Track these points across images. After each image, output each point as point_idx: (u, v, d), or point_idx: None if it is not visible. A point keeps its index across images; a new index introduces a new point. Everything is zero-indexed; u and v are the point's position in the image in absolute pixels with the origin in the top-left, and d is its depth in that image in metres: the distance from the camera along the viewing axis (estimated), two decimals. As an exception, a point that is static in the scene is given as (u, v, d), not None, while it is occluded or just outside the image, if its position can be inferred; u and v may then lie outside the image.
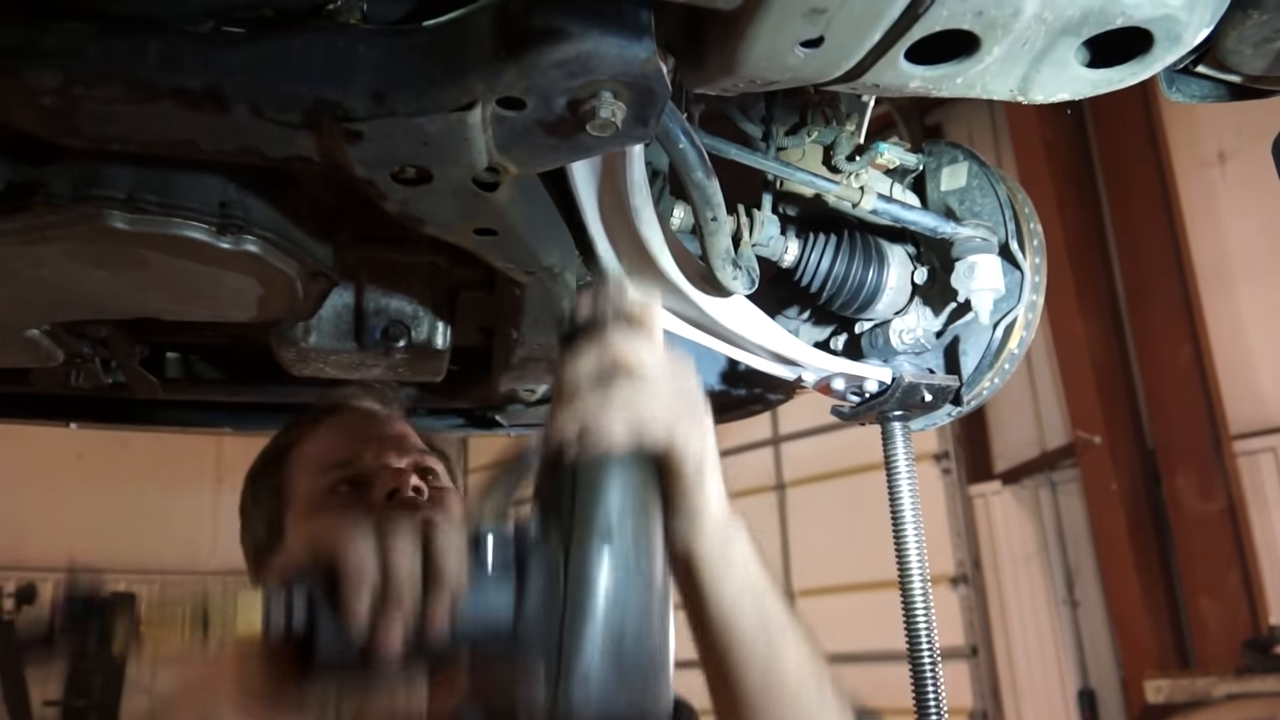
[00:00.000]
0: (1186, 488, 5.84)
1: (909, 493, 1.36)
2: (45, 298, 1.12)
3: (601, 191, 1.09)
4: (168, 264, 1.05)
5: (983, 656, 6.75)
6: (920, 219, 1.25)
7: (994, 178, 1.29)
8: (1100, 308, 6.33)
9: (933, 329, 1.37)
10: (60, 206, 0.94)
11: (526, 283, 1.14)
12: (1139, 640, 5.85)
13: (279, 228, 1.07)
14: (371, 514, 1.18)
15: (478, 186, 0.91)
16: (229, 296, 1.16)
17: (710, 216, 1.05)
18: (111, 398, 1.62)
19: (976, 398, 1.36)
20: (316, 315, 1.35)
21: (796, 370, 1.36)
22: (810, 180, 1.20)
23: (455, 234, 1.00)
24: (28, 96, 0.78)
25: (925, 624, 1.34)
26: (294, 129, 0.82)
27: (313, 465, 1.29)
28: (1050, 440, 6.83)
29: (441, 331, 1.41)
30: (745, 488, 8.15)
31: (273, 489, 1.31)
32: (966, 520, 7.00)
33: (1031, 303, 1.29)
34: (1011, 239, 1.26)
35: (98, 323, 1.34)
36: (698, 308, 1.23)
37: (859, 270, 1.32)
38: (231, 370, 1.73)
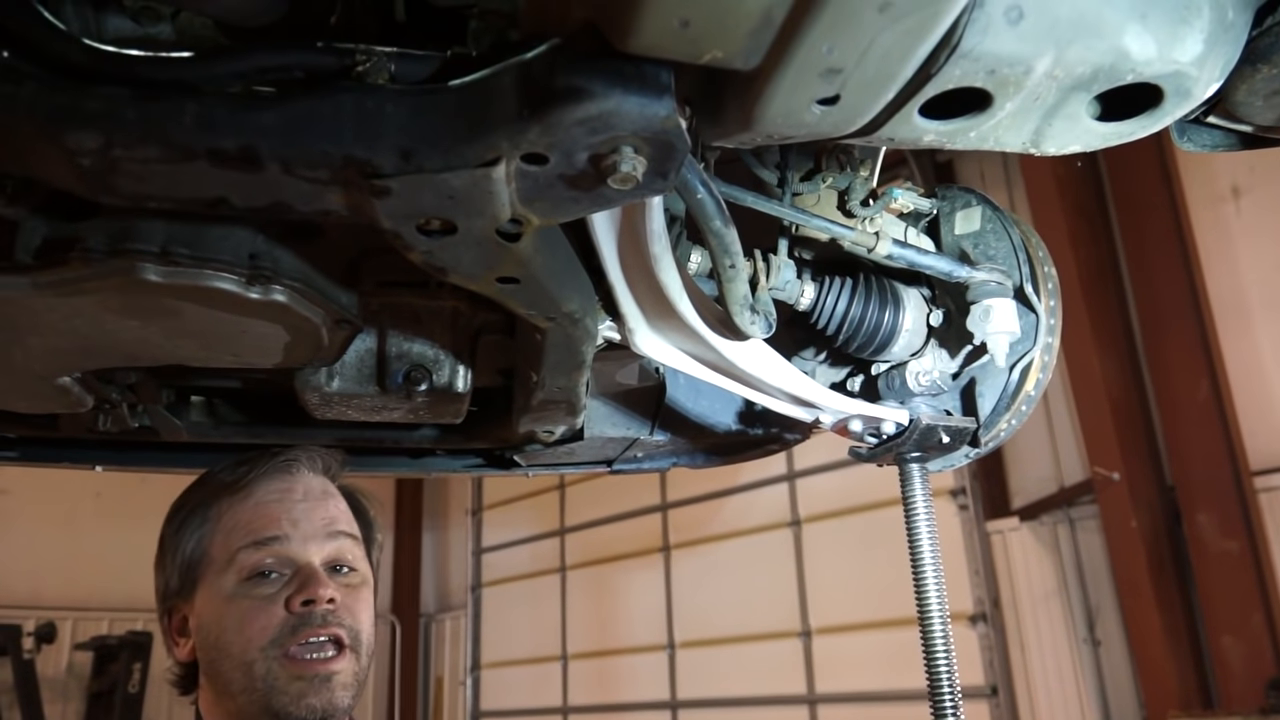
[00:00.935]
0: (1207, 525, 5.78)
1: (928, 534, 1.36)
2: (78, 346, 1.15)
3: (621, 239, 1.12)
4: (198, 313, 1.08)
5: (1003, 696, 6.66)
6: (935, 263, 1.27)
7: (1007, 221, 1.31)
8: (1116, 344, 6.31)
9: (949, 371, 1.38)
10: (96, 260, 0.97)
11: (547, 328, 1.16)
12: (1162, 680, 5.77)
13: (306, 277, 1.10)
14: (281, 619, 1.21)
15: (501, 237, 0.93)
16: (256, 344, 1.18)
17: (728, 264, 1.07)
18: (137, 441, 1.65)
19: (994, 439, 1.37)
20: (340, 360, 1.38)
21: (814, 412, 1.37)
22: (826, 226, 1.22)
23: (478, 282, 1.02)
24: (68, 157, 0.81)
25: (946, 666, 1.34)
26: (324, 185, 0.85)
27: (239, 533, 1.28)
28: (1068, 476, 6.78)
29: (463, 375, 1.43)
30: (760, 524, 8.13)
31: (195, 538, 1.31)
32: (984, 557, 6.94)
33: (1047, 345, 1.31)
34: (1026, 282, 1.27)
35: (127, 369, 1.36)
36: (716, 351, 1.25)
37: (875, 313, 1.34)
38: (254, 414, 1.75)
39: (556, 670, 9.63)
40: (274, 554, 1.26)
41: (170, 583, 1.31)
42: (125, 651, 8.20)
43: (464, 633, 10.73)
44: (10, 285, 0.98)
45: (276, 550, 1.26)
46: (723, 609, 8.24)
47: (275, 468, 1.35)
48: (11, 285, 0.98)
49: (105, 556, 9.44)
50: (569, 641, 9.64)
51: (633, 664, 8.99)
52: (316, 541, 1.29)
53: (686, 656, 8.57)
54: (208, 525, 1.31)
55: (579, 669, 9.55)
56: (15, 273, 0.98)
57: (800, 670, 7.58)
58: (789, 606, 7.76)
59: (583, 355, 1.26)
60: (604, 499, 9.45)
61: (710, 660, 8.31)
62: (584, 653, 9.53)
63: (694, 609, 8.57)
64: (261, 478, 1.33)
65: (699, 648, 8.45)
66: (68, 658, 8.98)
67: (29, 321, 1.06)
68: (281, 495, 1.32)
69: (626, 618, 9.19)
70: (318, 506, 1.34)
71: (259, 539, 1.26)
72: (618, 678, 9.15)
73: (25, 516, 9.09)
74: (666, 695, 8.58)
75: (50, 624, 7.95)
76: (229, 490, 1.33)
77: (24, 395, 1.29)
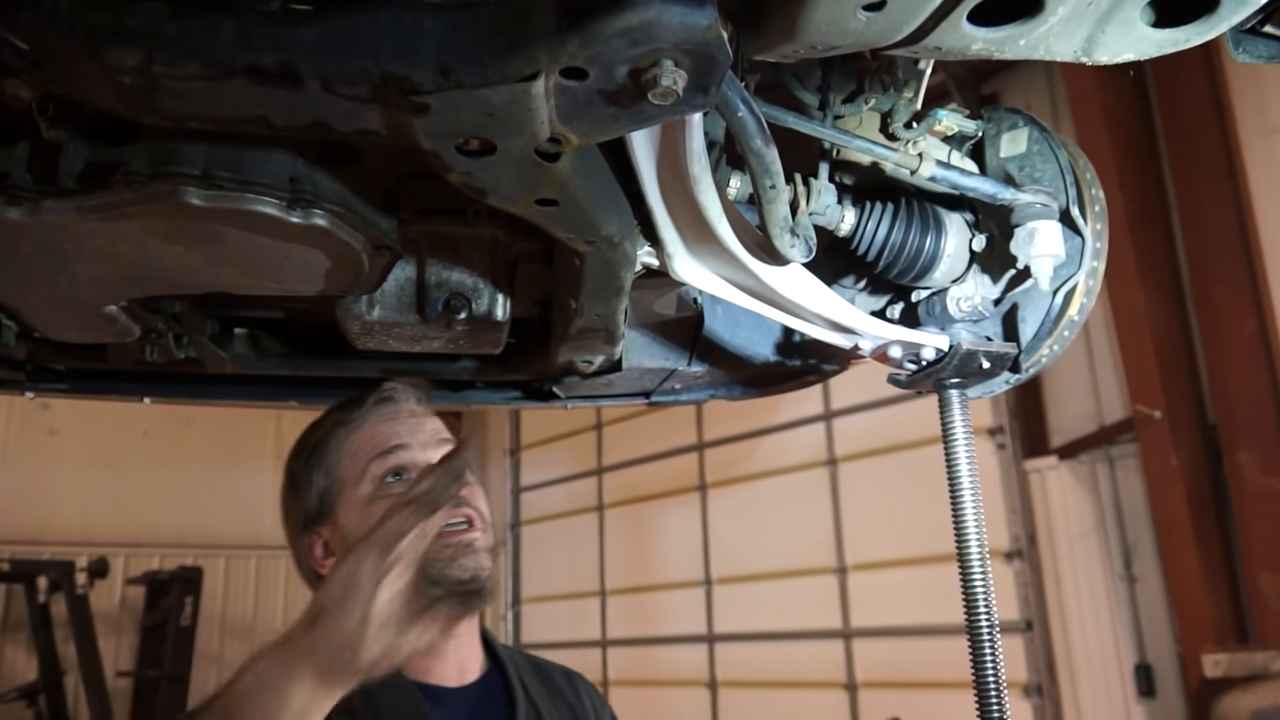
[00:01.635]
0: (1248, 463, 5.71)
1: (966, 461, 1.36)
2: (123, 274, 1.16)
3: (660, 161, 1.10)
4: (240, 239, 1.08)
5: (1038, 631, 6.69)
6: (979, 185, 1.25)
7: (1055, 143, 1.28)
8: (1161, 281, 6.19)
9: (991, 296, 1.36)
10: (138, 184, 0.97)
11: (586, 253, 1.16)
12: (1197, 615, 5.76)
13: (346, 202, 1.10)
14: None
15: (540, 157, 0.93)
16: (298, 270, 1.19)
17: (769, 185, 1.06)
18: (183, 373, 1.68)
19: (1035, 365, 1.36)
20: (380, 289, 1.39)
21: (853, 338, 1.36)
22: (868, 148, 1.20)
23: (517, 205, 1.02)
24: (108, 75, 0.81)
25: (983, 593, 1.34)
26: (362, 103, 0.85)
27: (364, 452, 1.45)
28: (1108, 415, 6.71)
29: (501, 303, 1.43)
30: (796, 463, 8.14)
31: (324, 469, 1.47)
32: (1022, 496, 6.92)
33: (1093, 269, 1.28)
34: (1072, 204, 1.25)
35: (172, 298, 1.38)
36: (755, 276, 1.24)
37: (916, 238, 1.32)
38: (296, 345, 1.77)
39: (595, 605, 9.78)
40: (399, 459, 1.43)
41: (309, 510, 1.48)
42: (177, 586, 8.44)
43: (504, 569, 10.91)
44: (55, 210, 1.00)
45: (401, 456, 1.43)
46: (759, 546, 8.31)
47: (379, 398, 1.51)
48: (56, 210, 1.00)
49: (154, 494, 9.69)
50: (607, 578, 9.78)
51: (670, 599, 9.12)
52: (432, 447, 1.46)
53: (723, 592, 8.66)
54: (333, 455, 1.47)
55: (617, 604, 9.70)
56: (59, 197, 0.99)
57: (835, 605, 7.65)
58: (824, 544, 7.80)
59: (621, 280, 1.26)
60: (641, 439, 9.51)
61: (746, 596, 8.40)
62: (622, 588, 9.66)
63: (730, 546, 8.64)
64: (370, 409, 1.50)
65: (735, 584, 8.54)
66: (120, 592, 9.26)
67: (75, 248, 1.08)
68: (392, 416, 1.49)
69: (663, 554, 9.30)
70: (424, 421, 1.50)
71: (384, 449, 1.43)
72: (655, 612, 9.28)
73: (75, 457, 9.33)
74: (703, 629, 8.70)
75: (102, 559, 8.17)
76: (344, 425, 1.49)
77: (72, 324, 1.31)
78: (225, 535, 10.09)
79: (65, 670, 8.04)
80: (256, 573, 10.28)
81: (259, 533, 10.38)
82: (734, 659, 8.42)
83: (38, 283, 1.16)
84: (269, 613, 10.29)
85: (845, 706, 7.41)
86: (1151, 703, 6.21)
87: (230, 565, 10.08)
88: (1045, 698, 6.60)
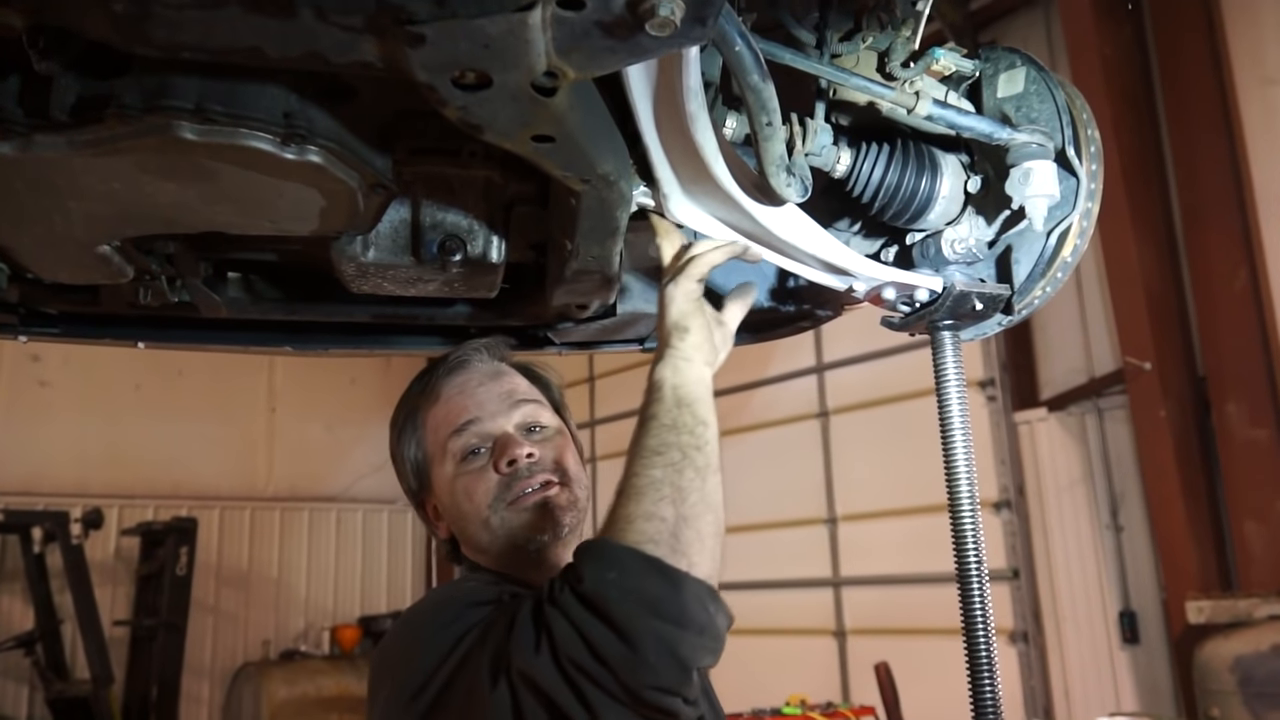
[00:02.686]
0: (1236, 414, 5.76)
1: (958, 402, 1.37)
2: (117, 212, 1.15)
3: (657, 99, 1.10)
4: (234, 176, 1.08)
5: (1024, 579, 6.79)
6: (976, 124, 1.25)
7: (1052, 83, 1.27)
8: (1155, 232, 6.19)
9: (985, 239, 1.37)
10: (131, 118, 0.96)
11: (582, 191, 1.16)
12: (1182, 564, 5.84)
13: (340, 139, 1.09)
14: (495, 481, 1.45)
15: (536, 92, 0.92)
16: (292, 209, 1.18)
17: (765, 121, 1.05)
18: (177, 317, 1.67)
19: (1028, 306, 1.36)
20: (374, 230, 1.38)
21: (848, 280, 1.37)
22: (865, 86, 1.20)
23: (514, 141, 1.01)
24: (101, 4, 0.80)
25: (973, 535, 1.36)
26: (357, 33, 0.84)
27: (441, 428, 1.50)
28: (1099, 367, 6.75)
29: (497, 245, 1.43)
30: (789, 415, 8.18)
31: (415, 443, 1.54)
32: (1011, 447, 6.98)
33: (1086, 210, 1.29)
34: (1068, 144, 1.25)
35: (165, 239, 1.37)
36: (750, 217, 1.24)
37: (912, 179, 1.32)
38: (290, 290, 1.76)
39: (587, 556, 9.86)
40: (473, 434, 1.47)
41: (411, 484, 1.56)
42: (172, 536, 8.48)
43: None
44: (47, 144, 0.99)
45: (474, 430, 1.48)
46: (751, 497, 8.37)
47: (450, 368, 1.55)
48: (48, 144, 0.99)
49: (148, 447, 9.71)
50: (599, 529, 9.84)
51: (661, 550, 9.19)
52: (503, 414, 1.49)
53: (714, 543, 8.74)
54: (419, 431, 1.53)
55: (609, 555, 9.78)
56: (51, 131, 0.98)
57: (826, 555, 7.74)
58: (816, 495, 7.87)
59: (617, 220, 1.26)
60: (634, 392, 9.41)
61: (737, 546, 8.48)
62: (614, 540, 9.74)
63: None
64: (442, 379, 1.54)
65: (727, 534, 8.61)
66: (115, 543, 9.31)
67: (67, 184, 1.07)
68: (461, 387, 1.52)
69: (655, 506, 9.35)
70: (494, 385, 1.53)
71: (456, 426, 1.48)
72: (647, 563, 9.36)
73: (68, 408, 9.33)
74: (694, 580, 8.79)
75: (97, 510, 8.19)
76: (422, 398, 1.54)
77: (66, 264, 1.31)
78: (219, 487, 10.13)
79: (62, 619, 8.11)
80: (251, 524, 10.33)
81: (253, 484, 10.44)
82: (725, 607, 8.51)
83: (31, 221, 1.16)
84: (264, 563, 10.37)
85: (834, 653, 7.53)
86: (1135, 649, 6.33)
87: (225, 516, 10.13)
88: (1030, 644, 6.72)
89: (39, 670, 7.90)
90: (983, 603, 1.33)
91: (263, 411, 10.70)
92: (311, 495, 10.81)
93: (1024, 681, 6.61)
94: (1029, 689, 6.61)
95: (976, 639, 1.33)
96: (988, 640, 1.33)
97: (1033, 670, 6.67)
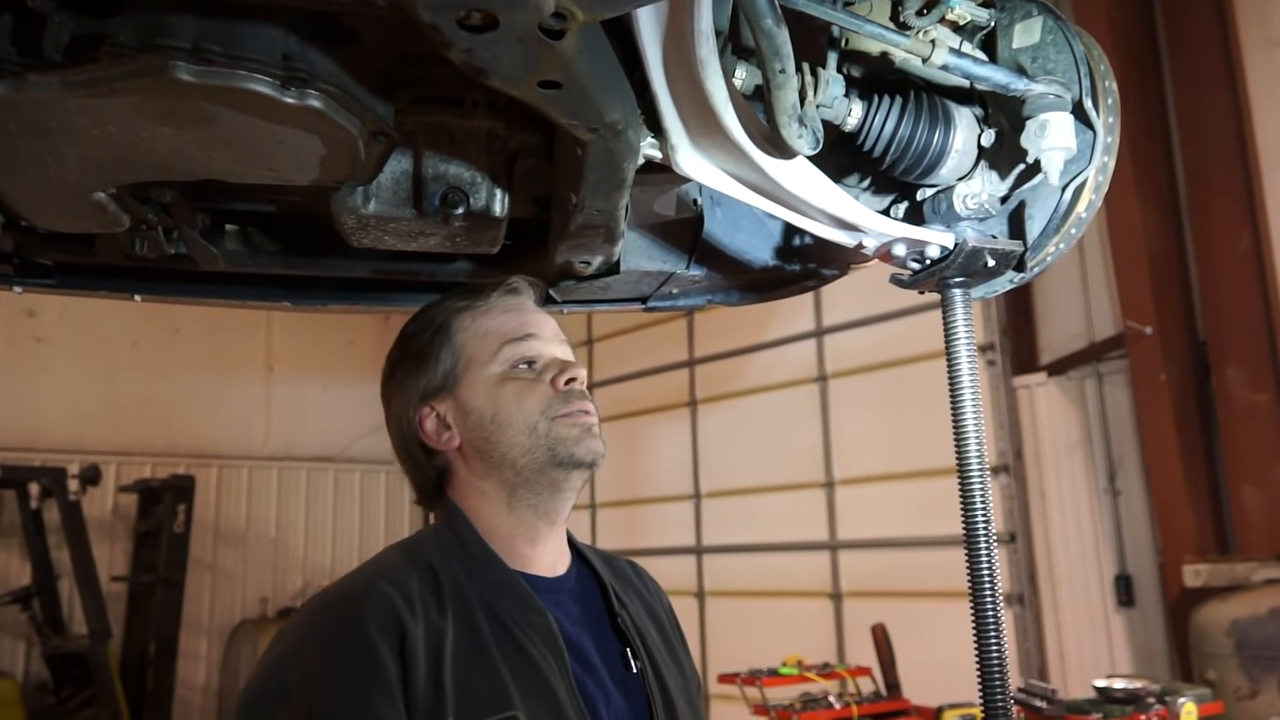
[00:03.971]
0: (1236, 378, 5.76)
1: (967, 359, 1.35)
2: (112, 157, 1.13)
3: (666, 44, 1.07)
4: (232, 120, 1.05)
5: (1021, 542, 6.82)
6: (992, 74, 1.22)
7: (1070, 33, 1.24)
8: (1159, 195, 6.15)
9: (998, 194, 1.34)
10: (126, 57, 0.94)
11: (588, 141, 1.13)
12: (1180, 527, 5.87)
13: (341, 83, 1.06)
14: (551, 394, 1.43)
15: (544, 34, 0.89)
16: (291, 156, 1.16)
17: (778, 69, 1.02)
18: (174, 269, 1.65)
19: (1040, 263, 1.34)
20: (376, 182, 1.36)
21: (857, 236, 1.35)
22: (880, 33, 1.16)
23: (520, 87, 0.99)
24: (94, -64, 0.77)
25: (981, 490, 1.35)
26: (360, -31, 0.81)
27: (496, 335, 1.46)
28: (1099, 332, 6.74)
29: (500, 199, 1.40)
30: (787, 379, 8.18)
31: (451, 347, 1.47)
32: (1010, 411, 6.99)
33: (1103, 164, 1.26)
34: (1086, 96, 1.22)
35: (162, 187, 1.35)
36: (760, 170, 1.21)
37: (925, 132, 1.29)
38: (289, 243, 1.74)
39: (585, 517, 9.92)
40: (532, 348, 1.46)
41: (430, 384, 1.47)
42: (169, 494, 8.49)
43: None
44: (41, 85, 0.96)
45: (534, 344, 1.46)
46: (748, 461, 8.40)
47: (505, 290, 1.52)
48: (42, 85, 0.96)
49: (145, 404, 9.71)
50: (597, 491, 9.89)
51: (660, 512, 9.24)
52: (556, 342, 1.50)
53: (712, 506, 8.79)
54: (461, 334, 1.47)
55: (607, 516, 9.84)
56: (45, 71, 0.95)
57: (823, 519, 7.77)
58: (813, 459, 7.89)
59: (624, 173, 1.23)
60: (632, 355, 9.53)
61: (735, 509, 8.53)
62: (612, 501, 9.79)
63: (720, 461, 8.73)
64: (497, 297, 1.51)
65: (724, 498, 8.66)
66: (113, 500, 9.33)
67: (62, 127, 1.04)
68: (519, 306, 1.51)
69: (654, 469, 9.39)
70: (547, 318, 1.53)
71: (518, 335, 1.46)
72: (645, 525, 9.42)
73: (63, 364, 9.31)
74: (692, 541, 8.85)
75: (94, 467, 8.20)
76: (469, 310, 1.49)
77: (60, 211, 1.28)
78: (217, 445, 10.14)
79: (59, 575, 8.14)
80: (249, 482, 10.35)
81: (250, 443, 10.44)
82: (722, 570, 8.58)
83: (25, 165, 1.13)
84: (262, 522, 10.41)
85: (830, 615, 7.58)
86: (1130, 612, 6.37)
87: (223, 474, 10.15)
88: (1026, 607, 6.77)
89: (36, 625, 7.95)
90: (990, 563, 1.33)
91: (260, 370, 10.68)
92: (309, 455, 10.82)
93: (1019, 644, 6.67)
94: (1024, 651, 6.66)
95: (984, 599, 1.32)
96: (994, 600, 1.33)
97: (1028, 633, 6.72)
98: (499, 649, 1.28)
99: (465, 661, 1.24)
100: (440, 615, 1.27)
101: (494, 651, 1.27)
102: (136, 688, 8.11)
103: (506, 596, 1.34)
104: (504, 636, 1.29)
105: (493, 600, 1.33)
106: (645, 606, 1.55)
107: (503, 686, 1.24)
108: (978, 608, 1.33)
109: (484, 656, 1.26)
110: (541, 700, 1.25)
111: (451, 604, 1.29)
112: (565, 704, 1.26)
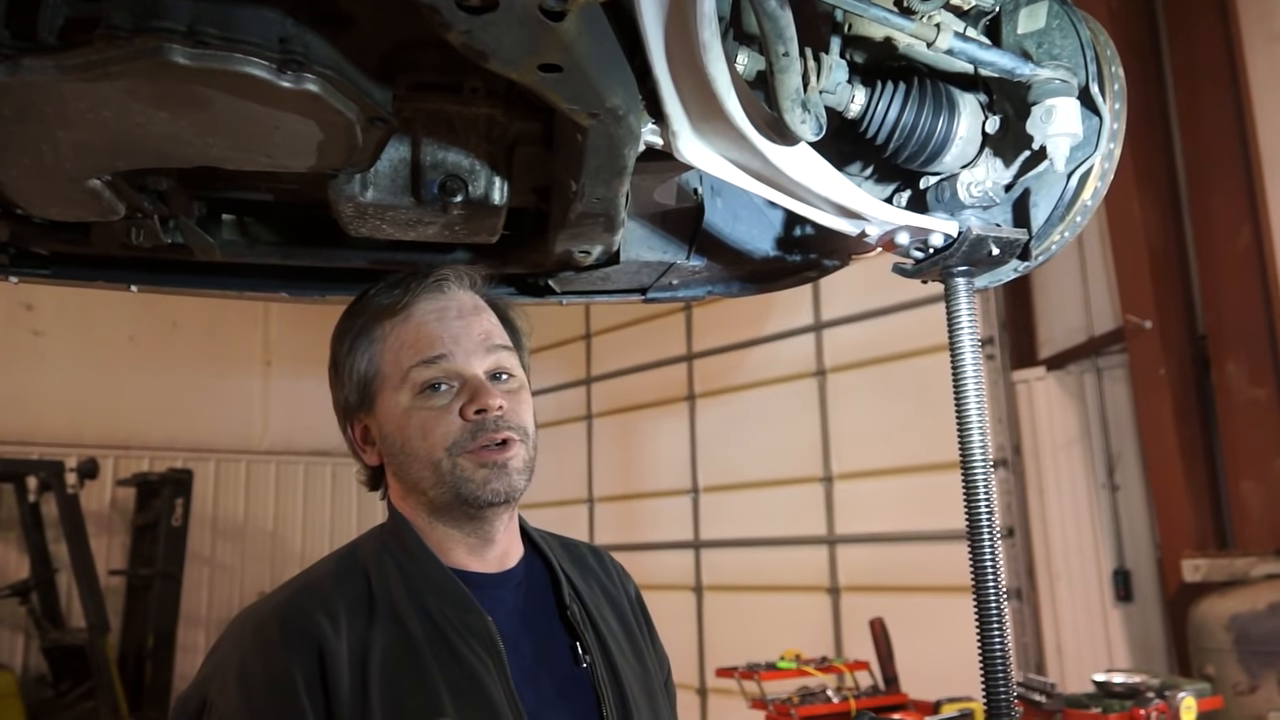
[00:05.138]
0: (1236, 373, 5.75)
1: (971, 349, 1.34)
2: (107, 142, 1.11)
3: (668, 28, 1.06)
4: (228, 105, 1.04)
5: (1019, 537, 6.82)
6: (997, 59, 1.20)
7: (1076, 17, 1.23)
8: (1159, 189, 6.14)
9: (1002, 181, 1.33)
10: (121, 40, 0.92)
11: (589, 127, 1.11)
12: (1179, 522, 5.87)
13: (338, 67, 1.05)
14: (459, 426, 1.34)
15: (545, 15, 0.88)
16: (288, 142, 1.14)
17: (782, 52, 1.01)
18: (170, 259, 1.63)
19: (1045, 252, 1.33)
20: (373, 169, 1.34)
21: (860, 224, 1.33)
22: (885, 17, 1.15)
23: (520, 70, 0.97)
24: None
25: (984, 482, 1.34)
26: (358, -52, 0.80)
27: (407, 352, 1.38)
28: (1098, 326, 6.73)
29: (499, 186, 1.39)
30: (786, 373, 8.17)
31: (366, 357, 1.42)
32: (1009, 406, 6.98)
33: (1109, 151, 1.25)
34: (1092, 81, 1.21)
35: (158, 174, 1.33)
36: (762, 157, 1.20)
37: (928, 119, 1.28)
38: (286, 233, 1.72)
39: (583, 512, 9.91)
40: (442, 369, 1.36)
41: (350, 398, 1.44)
42: (167, 488, 8.49)
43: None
44: (35, 69, 0.95)
45: (444, 366, 1.37)
46: (746, 456, 8.39)
47: (428, 288, 1.42)
48: (36, 69, 0.95)
49: (142, 398, 9.70)
50: (595, 486, 9.89)
51: (657, 507, 9.24)
52: (478, 355, 1.39)
53: (710, 500, 8.78)
54: (376, 345, 1.41)
55: (605, 511, 9.83)
56: (39, 54, 0.94)
57: (821, 513, 7.77)
58: (811, 454, 7.88)
59: (624, 159, 1.21)
60: (630, 349, 9.52)
61: (733, 504, 8.52)
62: (610, 496, 9.78)
63: (718, 456, 8.73)
64: (418, 299, 1.41)
65: (722, 492, 8.65)
66: (111, 494, 9.33)
67: (57, 112, 1.03)
68: (439, 314, 1.41)
69: (652, 463, 9.39)
70: (473, 323, 1.42)
71: (426, 357, 1.37)
72: (643, 519, 9.41)
73: (62, 358, 9.30)
74: (690, 536, 8.85)
75: (92, 460, 8.20)
76: (388, 313, 1.41)
77: (55, 198, 1.27)
78: (214, 439, 10.13)
79: (57, 568, 8.13)
80: (246, 476, 10.35)
81: (248, 437, 10.44)
82: (720, 564, 8.58)
83: (19, 151, 1.11)
84: (260, 515, 10.40)
85: (828, 609, 7.58)
86: (1128, 606, 6.37)
87: (220, 469, 10.14)
88: (1024, 602, 6.77)
89: (34, 619, 7.95)
90: (993, 555, 1.32)
91: (258, 365, 10.67)
92: (307, 449, 10.81)
93: (1017, 638, 6.67)
94: (1022, 646, 6.66)
95: (987, 592, 1.31)
96: (997, 593, 1.32)
97: (1026, 627, 6.72)
98: (434, 656, 1.26)
99: (395, 672, 1.23)
100: (368, 626, 1.25)
101: (428, 659, 1.25)
102: (134, 680, 8.12)
103: (444, 598, 1.32)
104: (439, 643, 1.28)
105: (430, 603, 1.31)
106: (605, 594, 1.52)
107: (435, 696, 1.22)
108: (981, 600, 1.32)
109: (417, 665, 1.25)
110: (477, 707, 1.24)
111: (382, 613, 1.28)
112: (503, 709, 1.25)
